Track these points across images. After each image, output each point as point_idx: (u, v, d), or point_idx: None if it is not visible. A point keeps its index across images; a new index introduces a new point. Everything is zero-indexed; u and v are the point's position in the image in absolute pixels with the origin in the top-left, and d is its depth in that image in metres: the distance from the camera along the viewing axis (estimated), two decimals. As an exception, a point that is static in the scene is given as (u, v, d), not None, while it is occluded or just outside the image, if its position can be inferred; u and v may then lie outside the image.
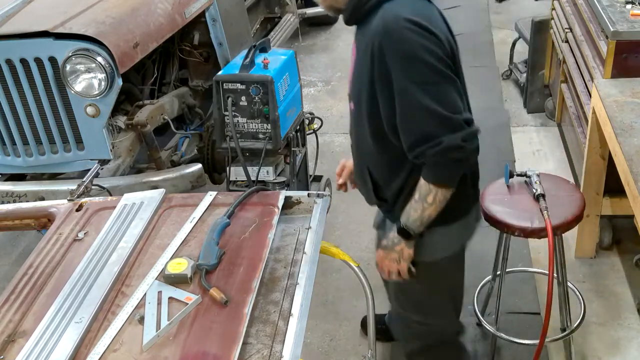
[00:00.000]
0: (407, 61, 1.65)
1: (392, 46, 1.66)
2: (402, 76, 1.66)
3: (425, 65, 1.65)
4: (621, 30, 2.75)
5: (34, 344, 1.42)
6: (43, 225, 1.98)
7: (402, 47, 1.65)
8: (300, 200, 1.90)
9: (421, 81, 1.66)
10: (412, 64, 1.65)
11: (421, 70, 1.65)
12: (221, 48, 3.66)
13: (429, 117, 1.66)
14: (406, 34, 1.64)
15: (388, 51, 1.67)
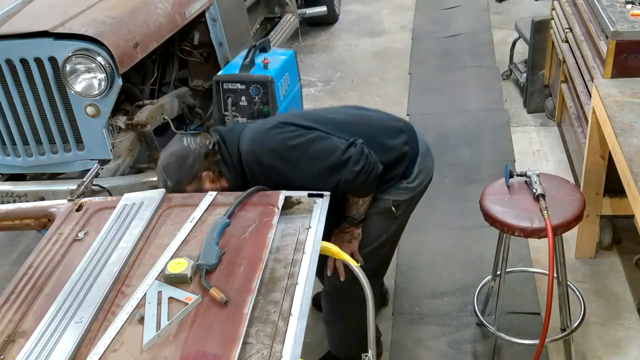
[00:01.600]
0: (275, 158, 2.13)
1: (257, 160, 2.11)
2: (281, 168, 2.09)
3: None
4: (621, 30, 2.75)
5: (34, 344, 1.42)
6: (43, 225, 1.98)
7: None
8: (300, 200, 1.90)
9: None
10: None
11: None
12: (221, 48, 3.66)
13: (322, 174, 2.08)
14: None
15: (260, 162, 2.10)
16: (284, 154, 2.03)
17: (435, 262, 3.23)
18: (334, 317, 2.59)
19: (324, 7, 5.93)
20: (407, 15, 6.38)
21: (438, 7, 6.48)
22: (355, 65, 5.54)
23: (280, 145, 2.04)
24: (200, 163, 2.02)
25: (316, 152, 2.05)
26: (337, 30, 6.34)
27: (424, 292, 3.06)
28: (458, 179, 3.87)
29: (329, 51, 5.91)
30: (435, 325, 2.86)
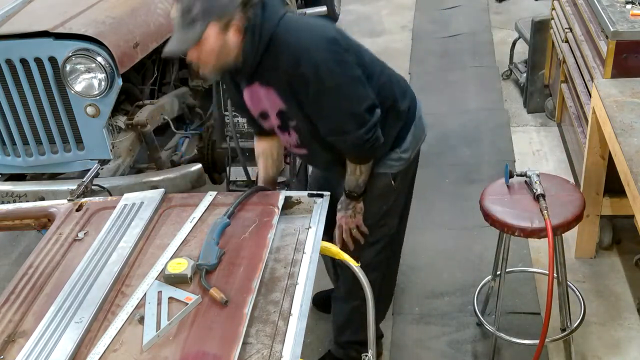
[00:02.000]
0: (321, 78, 2.04)
1: (312, 69, 1.99)
2: (317, 90, 2.01)
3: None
4: (621, 30, 2.75)
5: (34, 344, 1.42)
6: (43, 225, 1.98)
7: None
8: (300, 200, 1.90)
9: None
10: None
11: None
12: (221, 48, 3.65)
13: (347, 116, 2.03)
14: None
15: (311, 75, 1.97)
16: (321, 73, 1.89)
17: (435, 262, 3.23)
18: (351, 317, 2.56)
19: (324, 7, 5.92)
20: (407, 15, 6.38)
21: (438, 7, 6.48)
22: (355, 65, 5.52)
23: (324, 63, 1.89)
24: (237, 4, 1.82)
25: (348, 92, 1.96)
26: (337, 30, 6.32)
27: (424, 292, 3.06)
28: (458, 179, 3.87)
29: (329, 51, 5.90)
30: (435, 325, 2.86)
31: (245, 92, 2.07)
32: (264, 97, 2.03)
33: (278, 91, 1.99)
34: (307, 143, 2.16)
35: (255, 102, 2.08)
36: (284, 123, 2.10)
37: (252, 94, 2.06)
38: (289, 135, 2.14)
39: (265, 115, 2.11)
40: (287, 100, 2.01)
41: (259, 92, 2.03)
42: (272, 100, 2.02)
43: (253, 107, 2.11)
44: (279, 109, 2.05)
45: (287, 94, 1.99)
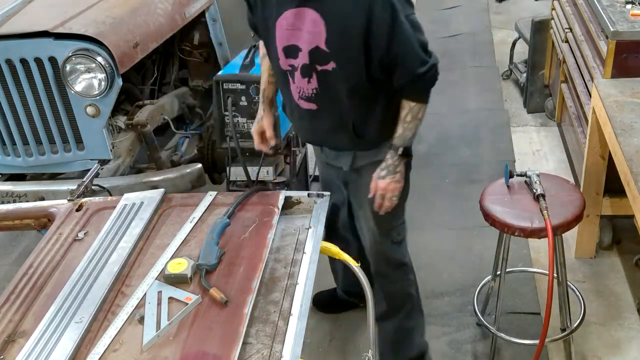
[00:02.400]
0: (395, 7, 1.94)
1: (391, 2, 1.90)
2: (397, 20, 1.90)
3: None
4: (621, 30, 2.75)
5: (34, 344, 1.42)
6: (43, 225, 1.98)
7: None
8: (300, 200, 1.90)
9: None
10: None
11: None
12: (221, 48, 3.66)
13: (419, 47, 1.96)
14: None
15: (390, 8, 1.89)
16: (396, 9, 1.87)
17: (435, 262, 3.23)
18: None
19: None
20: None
21: (438, 7, 6.48)
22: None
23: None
24: None
25: (418, 22, 1.95)
26: (337, 30, 6.33)
27: (424, 292, 3.05)
28: (458, 179, 3.87)
29: (329, 51, 5.90)
30: (435, 325, 2.86)
31: (284, 16, 1.95)
32: (309, 27, 1.91)
33: (337, 21, 1.88)
34: (323, 95, 2.04)
35: (290, 32, 1.96)
36: (310, 65, 1.98)
37: (295, 20, 1.93)
38: (307, 82, 2.02)
39: (292, 51, 1.98)
40: (343, 33, 1.89)
41: (306, 19, 1.91)
42: (317, 33, 1.91)
43: (284, 37, 1.98)
44: (315, 45, 1.93)
45: (349, 25, 1.88)
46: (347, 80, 1.99)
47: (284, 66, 2.04)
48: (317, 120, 2.13)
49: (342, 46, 1.92)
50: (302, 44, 1.94)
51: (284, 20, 1.95)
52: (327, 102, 2.06)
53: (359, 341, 2.81)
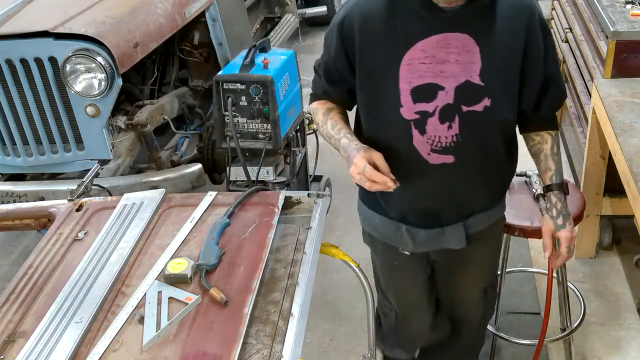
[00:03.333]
0: (550, 32, 1.75)
1: (545, 21, 1.69)
2: (552, 44, 1.72)
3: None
4: (621, 30, 2.75)
5: (34, 344, 1.42)
6: (43, 225, 1.97)
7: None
8: (300, 200, 1.90)
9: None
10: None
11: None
12: (221, 48, 3.66)
13: (561, 75, 1.81)
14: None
15: (544, 24, 1.68)
16: (547, 25, 1.68)
17: (435, 262, 3.22)
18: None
19: (324, 7, 5.93)
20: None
21: None
22: (355, 65, 5.52)
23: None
24: None
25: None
26: (337, 30, 6.32)
27: (424, 292, 3.06)
28: (458, 179, 3.86)
29: (329, 51, 5.90)
30: (435, 325, 2.86)
31: (418, 48, 1.58)
32: (460, 56, 1.58)
33: (495, 45, 1.59)
34: (465, 142, 1.66)
35: (427, 67, 1.59)
36: (454, 106, 1.62)
37: (437, 49, 1.58)
38: (447, 128, 1.64)
39: (427, 92, 1.60)
40: (502, 59, 1.61)
41: (455, 46, 1.58)
42: (469, 63, 1.59)
43: (416, 76, 1.60)
44: (466, 79, 1.60)
45: (509, 48, 1.61)
46: (499, 118, 1.68)
47: (408, 114, 1.63)
48: (453, 176, 1.72)
49: (501, 76, 1.62)
50: (446, 80, 1.59)
51: (419, 53, 1.58)
52: (470, 150, 1.68)
53: (359, 341, 2.81)
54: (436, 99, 1.61)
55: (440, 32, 1.56)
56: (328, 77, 1.76)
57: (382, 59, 1.62)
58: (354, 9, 1.63)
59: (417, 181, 1.72)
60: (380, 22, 1.59)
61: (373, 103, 1.69)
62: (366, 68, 1.65)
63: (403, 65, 1.59)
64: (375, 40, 1.61)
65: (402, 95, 1.61)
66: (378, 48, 1.61)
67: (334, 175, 3.73)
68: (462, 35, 1.56)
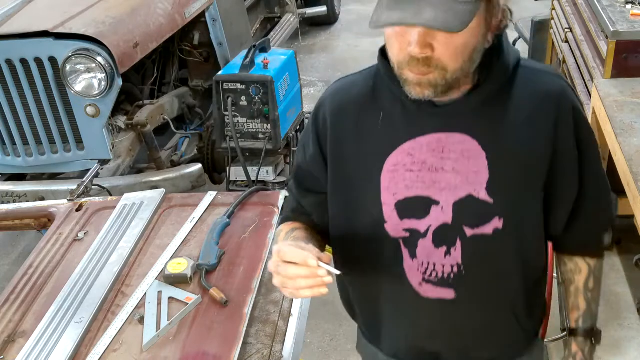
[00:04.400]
0: (592, 133, 1.29)
1: (583, 115, 1.24)
2: (593, 151, 1.28)
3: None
4: (621, 30, 2.74)
5: (34, 344, 1.42)
6: (43, 225, 1.98)
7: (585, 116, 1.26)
8: (300, 200, 1.90)
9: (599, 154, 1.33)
10: (593, 136, 1.30)
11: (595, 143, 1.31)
12: (221, 48, 3.66)
13: (609, 193, 1.35)
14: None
15: (582, 121, 1.24)
16: (582, 113, 1.25)
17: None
18: None
19: (324, 7, 5.93)
20: (407, 15, 6.39)
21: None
22: (355, 65, 5.52)
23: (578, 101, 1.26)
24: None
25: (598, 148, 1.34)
26: (337, 30, 6.33)
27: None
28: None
29: (329, 51, 5.91)
30: (435, 325, 2.86)
31: (405, 150, 1.22)
32: (460, 163, 1.19)
33: (508, 151, 1.19)
34: (470, 274, 1.25)
35: (416, 175, 1.22)
36: (454, 226, 1.22)
37: (430, 154, 1.20)
38: (444, 254, 1.24)
39: (417, 206, 1.23)
40: (518, 170, 1.20)
41: (453, 151, 1.19)
42: (473, 173, 1.19)
43: (402, 185, 1.22)
44: (468, 193, 1.20)
45: (527, 155, 1.20)
46: (515, 246, 1.26)
47: (395, 231, 1.25)
48: (454, 316, 1.31)
49: (517, 190, 1.21)
50: (442, 193, 1.21)
51: (405, 158, 1.22)
52: (478, 285, 1.28)
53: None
54: (429, 216, 1.22)
55: (432, 131, 1.20)
56: (301, 184, 1.37)
57: (359, 163, 1.26)
58: (329, 97, 1.32)
59: (408, 314, 1.34)
60: (357, 114, 1.26)
61: (350, 216, 1.30)
62: (340, 174, 1.29)
63: (385, 172, 1.23)
64: (351, 137, 1.26)
65: (385, 209, 1.24)
66: (354, 148, 1.26)
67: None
68: (461, 137, 1.19)
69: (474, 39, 1.10)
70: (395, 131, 1.23)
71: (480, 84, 1.19)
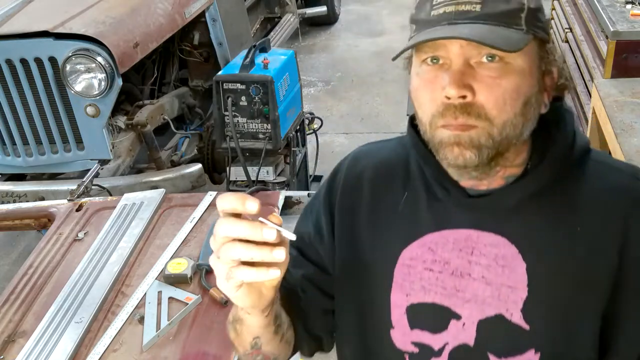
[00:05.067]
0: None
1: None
2: None
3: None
4: (621, 30, 2.74)
5: (34, 344, 1.42)
6: (43, 225, 1.98)
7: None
8: (300, 200, 1.90)
9: None
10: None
11: None
12: (221, 48, 3.66)
13: None
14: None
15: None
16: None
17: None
18: None
19: (324, 7, 5.94)
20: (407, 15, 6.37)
21: (438, 7, 6.48)
22: (355, 65, 5.54)
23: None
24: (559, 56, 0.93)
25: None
26: (337, 30, 6.33)
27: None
28: (458, 179, 3.86)
29: (329, 51, 5.91)
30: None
31: (423, 244, 0.99)
32: (489, 271, 0.95)
33: (557, 262, 0.92)
34: None
35: (436, 276, 0.98)
36: (476, 351, 0.96)
37: (454, 253, 0.97)
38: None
39: (431, 316, 0.98)
40: (571, 287, 0.92)
41: (484, 254, 0.95)
42: (505, 286, 0.94)
43: (416, 287, 0.99)
44: (497, 312, 0.95)
45: (581, 270, 0.92)
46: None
47: (402, 343, 1.01)
48: None
49: (564, 317, 0.93)
50: (465, 306, 0.96)
51: (425, 252, 0.99)
52: None
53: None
54: (446, 332, 0.98)
55: (462, 226, 0.96)
56: (299, 256, 1.11)
57: (372, 247, 1.03)
58: (349, 161, 1.10)
59: None
60: (377, 188, 1.05)
61: (353, 315, 1.06)
62: (349, 256, 1.05)
63: (400, 266, 1.00)
64: (365, 215, 1.05)
65: (394, 311, 1.00)
66: (367, 229, 1.04)
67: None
68: (497, 238, 0.94)
69: (526, 85, 0.87)
70: (418, 218, 0.99)
71: (530, 170, 0.93)
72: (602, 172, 0.96)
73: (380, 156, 1.08)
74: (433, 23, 0.88)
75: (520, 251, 0.93)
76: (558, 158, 0.93)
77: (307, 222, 1.12)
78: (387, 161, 1.06)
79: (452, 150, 0.88)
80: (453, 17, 0.86)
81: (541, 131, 0.93)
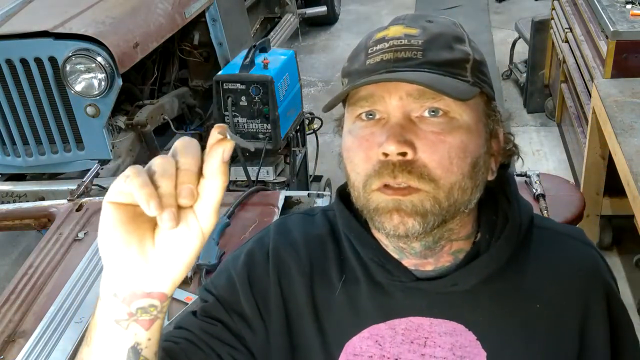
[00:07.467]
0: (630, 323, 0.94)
1: (618, 298, 0.93)
2: (633, 335, 0.94)
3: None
4: (621, 30, 2.75)
5: (34, 344, 1.42)
6: (43, 225, 1.98)
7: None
8: (300, 200, 1.90)
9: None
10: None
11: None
12: (221, 48, 3.66)
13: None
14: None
15: (618, 307, 0.92)
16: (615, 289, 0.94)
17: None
18: None
19: (324, 7, 5.94)
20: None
21: (438, 7, 6.48)
22: (355, 65, 5.53)
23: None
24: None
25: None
26: (337, 30, 6.33)
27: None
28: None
29: (329, 51, 5.91)
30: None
31: (371, 334, 0.85)
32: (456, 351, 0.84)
33: (513, 348, 0.85)
34: None
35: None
36: None
37: (405, 343, 0.85)
38: None
39: None
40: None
41: (441, 343, 0.84)
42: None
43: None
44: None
45: (543, 355, 0.85)
46: None
47: None
48: None
49: None
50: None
51: (372, 346, 0.86)
52: None
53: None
54: None
55: (411, 313, 0.85)
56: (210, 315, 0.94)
57: (310, 340, 0.87)
58: (274, 236, 0.93)
59: None
60: (311, 268, 0.89)
61: None
62: (280, 346, 0.88)
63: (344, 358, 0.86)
64: (301, 296, 0.88)
65: None
66: (304, 319, 0.88)
67: (334, 175, 3.73)
68: (453, 325, 0.85)
69: (474, 143, 0.79)
70: (360, 306, 0.85)
71: (482, 249, 0.84)
72: (552, 241, 0.90)
73: (309, 231, 0.92)
74: (369, 72, 0.78)
75: (478, 338, 0.83)
76: (513, 235, 0.85)
77: (215, 287, 0.93)
78: (318, 237, 0.90)
79: (390, 218, 0.76)
80: (392, 65, 0.78)
81: (486, 200, 0.85)
